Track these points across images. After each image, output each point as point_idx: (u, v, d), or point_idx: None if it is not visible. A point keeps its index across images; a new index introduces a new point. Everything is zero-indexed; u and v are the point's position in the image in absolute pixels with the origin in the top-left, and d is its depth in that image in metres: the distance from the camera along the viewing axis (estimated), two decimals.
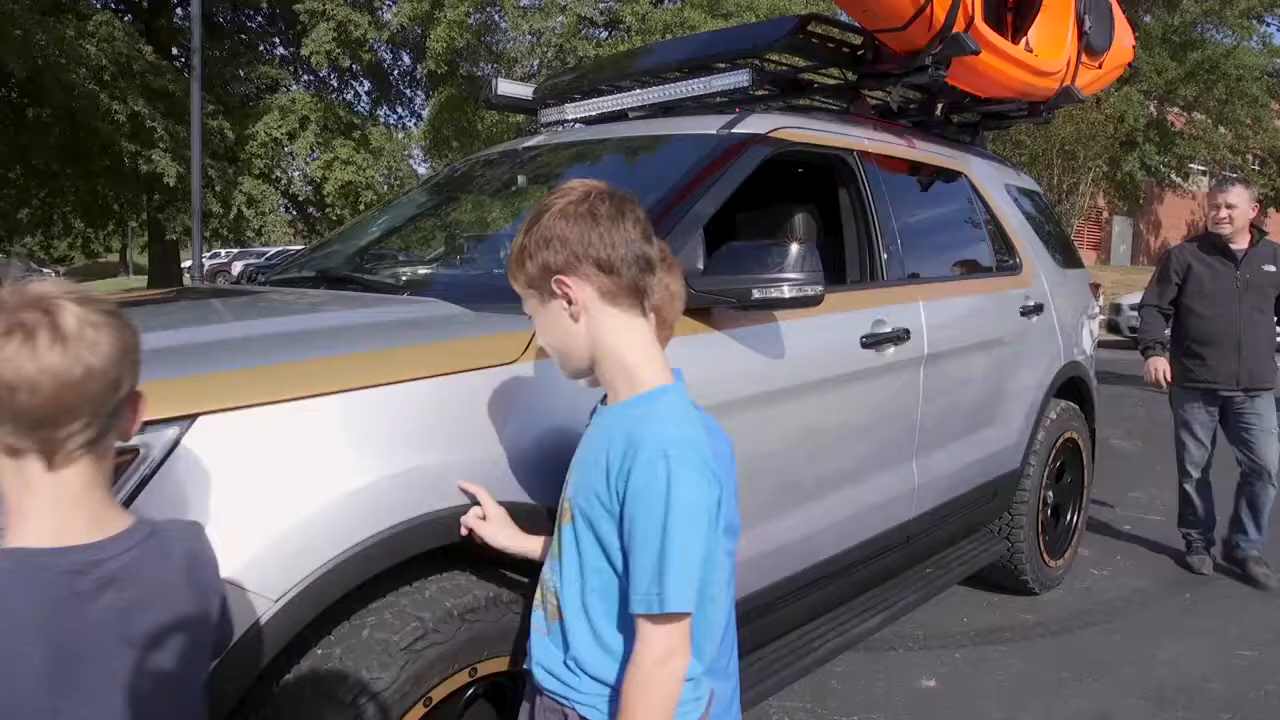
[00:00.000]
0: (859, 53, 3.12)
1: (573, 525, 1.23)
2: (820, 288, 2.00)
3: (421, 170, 20.92)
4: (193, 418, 1.33)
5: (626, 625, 1.20)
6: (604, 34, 16.41)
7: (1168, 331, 4.13)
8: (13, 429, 0.94)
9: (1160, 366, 4.08)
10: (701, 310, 2.06)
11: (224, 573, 1.28)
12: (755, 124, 2.57)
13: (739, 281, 1.98)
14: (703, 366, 2.06)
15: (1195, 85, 18.80)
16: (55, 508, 0.98)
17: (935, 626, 3.46)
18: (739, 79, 2.84)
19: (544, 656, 1.29)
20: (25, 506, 0.98)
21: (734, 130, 2.51)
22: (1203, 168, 25.30)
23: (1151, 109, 19.80)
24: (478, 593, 1.56)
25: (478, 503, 1.51)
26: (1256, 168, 27.52)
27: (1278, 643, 3.36)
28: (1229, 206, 3.90)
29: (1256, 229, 3.99)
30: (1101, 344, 8.31)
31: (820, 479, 2.43)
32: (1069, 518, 4.00)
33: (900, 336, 2.65)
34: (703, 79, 2.97)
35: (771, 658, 2.36)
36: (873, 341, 2.54)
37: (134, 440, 1.28)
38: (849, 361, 2.46)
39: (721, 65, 3.09)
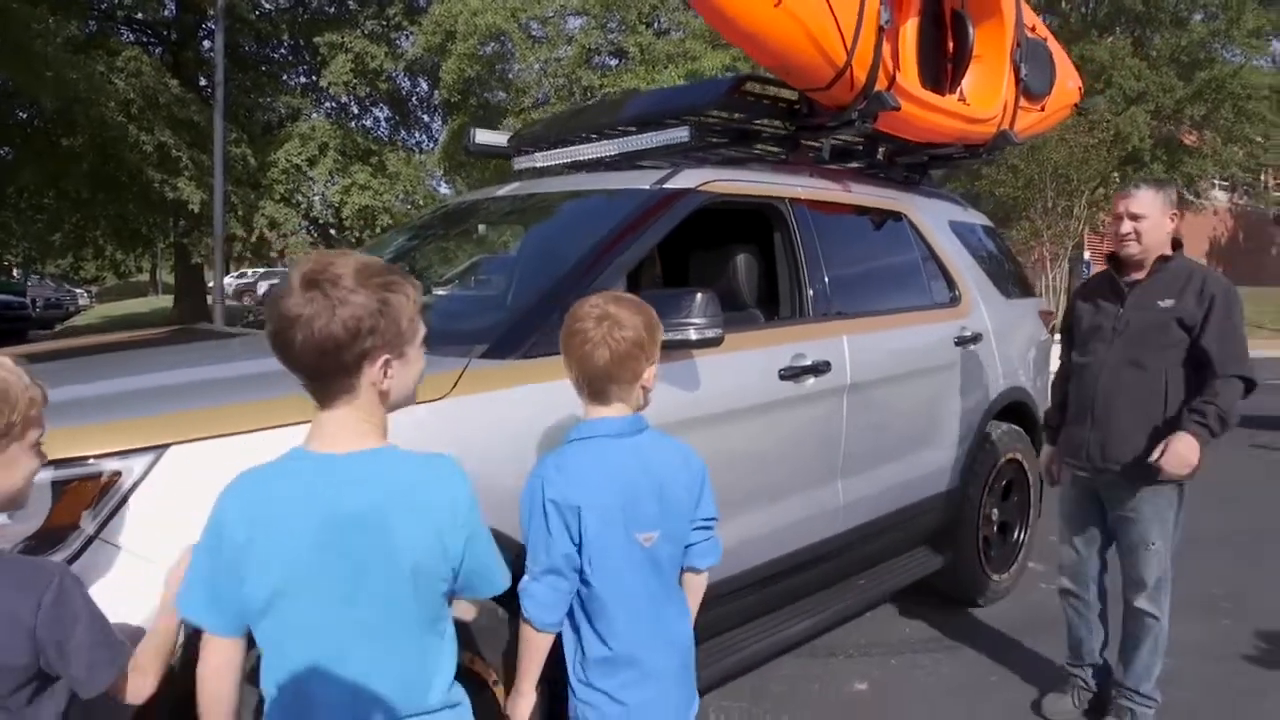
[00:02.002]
0: (795, 107, 3.42)
1: None
2: (720, 330, 2.30)
3: (444, 190, 21.47)
4: (165, 447, 1.65)
5: None
6: (613, 62, 16.85)
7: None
8: None
9: (1045, 460, 3.19)
10: None
11: None
12: (687, 178, 2.88)
13: None
14: None
15: (1203, 104, 18.94)
16: None
17: (877, 635, 3.72)
18: (680, 134, 3.15)
19: None
20: None
21: (665, 185, 2.82)
22: (1224, 182, 25.31)
23: (1165, 127, 19.92)
24: None
25: None
26: (1276, 183, 27.50)
27: (1199, 654, 3.57)
28: (1133, 217, 2.76)
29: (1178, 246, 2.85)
30: None
31: (739, 497, 2.71)
32: (1016, 534, 4.24)
33: (820, 368, 2.93)
34: (650, 134, 3.28)
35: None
36: (791, 374, 2.82)
37: (116, 465, 1.61)
38: (766, 392, 2.75)
39: (672, 121, 3.41)
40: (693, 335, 2.27)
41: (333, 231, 19.79)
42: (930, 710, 3.12)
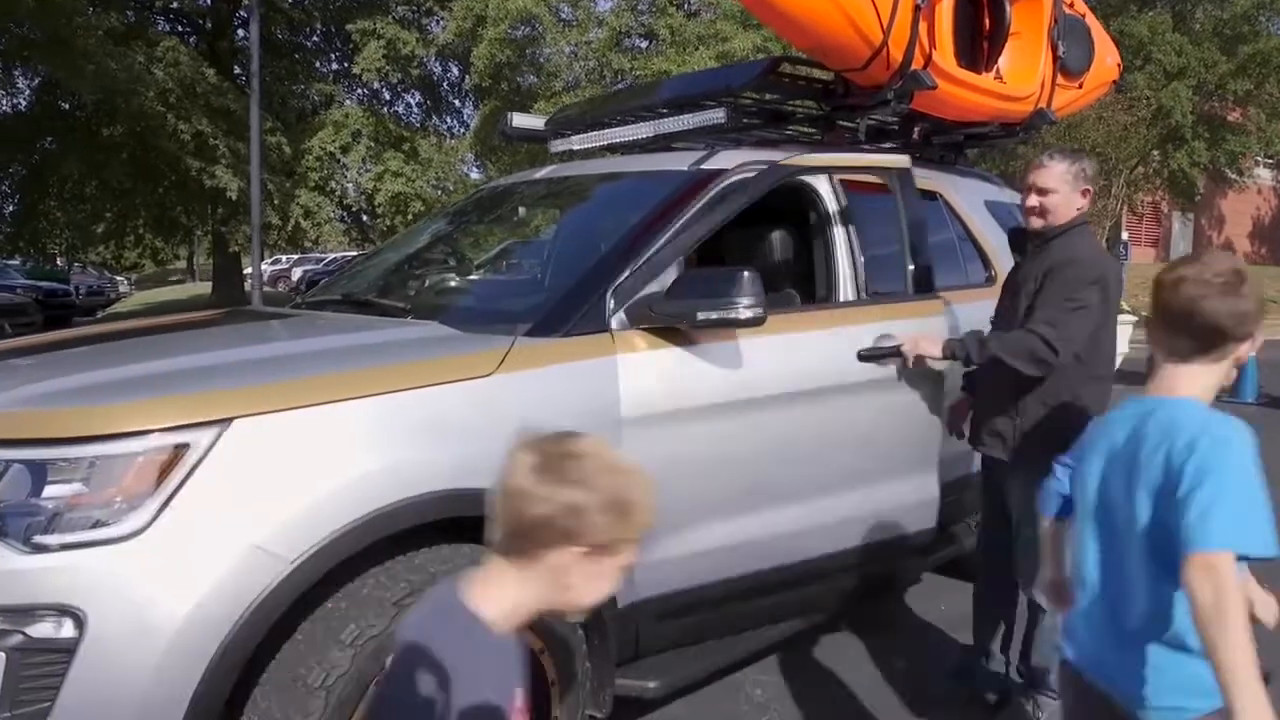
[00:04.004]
0: (830, 87, 3.43)
1: None
2: (761, 310, 2.32)
3: (475, 175, 21.61)
4: (229, 420, 1.73)
5: None
6: (644, 44, 16.81)
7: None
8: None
9: None
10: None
11: (252, 540, 1.67)
12: (723, 159, 2.90)
13: (691, 305, 2.32)
14: (674, 375, 2.41)
15: (1247, 79, 18.46)
16: None
17: (913, 612, 3.75)
18: (716, 116, 3.17)
19: None
20: None
21: (703, 166, 2.85)
22: (1269, 160, 24.64)
23: (1208, 103, 19.43)
24: (457, 560, 1.93)
25: None
26: None
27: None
28: (1040, 192, 2.58)
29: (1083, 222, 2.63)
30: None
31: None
32: None
33: None
34: (686, 116, 3.30)
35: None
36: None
37: (184, 437, 1.69)
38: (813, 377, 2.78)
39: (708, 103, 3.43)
40: (732, 314, 2.30)
41: (365, 219, 20.03)
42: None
